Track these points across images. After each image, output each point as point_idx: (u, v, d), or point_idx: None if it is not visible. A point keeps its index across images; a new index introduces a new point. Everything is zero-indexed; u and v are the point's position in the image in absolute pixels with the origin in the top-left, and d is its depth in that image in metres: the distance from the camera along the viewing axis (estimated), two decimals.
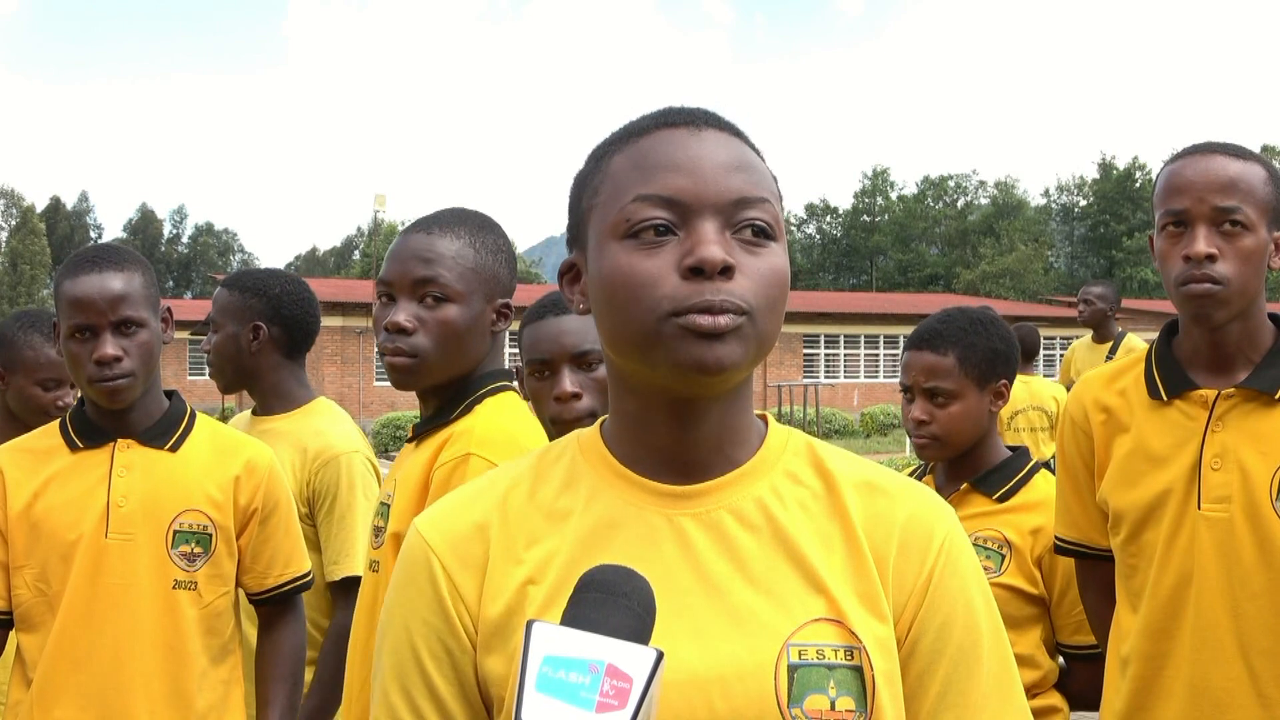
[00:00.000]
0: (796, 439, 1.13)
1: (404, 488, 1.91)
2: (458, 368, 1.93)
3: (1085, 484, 2.11)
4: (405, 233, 1.96)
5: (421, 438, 1.96)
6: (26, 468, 2.25)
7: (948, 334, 2.34)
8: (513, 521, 1.09)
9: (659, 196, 1.01)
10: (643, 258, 1.01)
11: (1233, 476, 1.90)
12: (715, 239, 1.00)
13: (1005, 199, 75.45)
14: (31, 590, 2.19)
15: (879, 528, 1.07)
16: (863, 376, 36.56)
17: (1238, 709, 1.87)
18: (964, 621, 1.07)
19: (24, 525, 2.20)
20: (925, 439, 2.34)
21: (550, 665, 0.82)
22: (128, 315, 2.15)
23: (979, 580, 1.10)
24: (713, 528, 1.05)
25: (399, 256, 1.92)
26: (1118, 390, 2.07)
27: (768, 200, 1.04)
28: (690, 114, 1.07)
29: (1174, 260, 1.92)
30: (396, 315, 1.88)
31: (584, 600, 0.87)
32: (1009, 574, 2.26)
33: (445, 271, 1.89)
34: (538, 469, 1.13)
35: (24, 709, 2.18)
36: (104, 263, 2.18)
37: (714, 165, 1.03)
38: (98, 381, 2.15)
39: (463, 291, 1.90)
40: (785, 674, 0.99)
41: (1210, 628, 1.89)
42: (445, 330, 1.89)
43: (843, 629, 1.02)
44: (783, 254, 1.05)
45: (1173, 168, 1.97)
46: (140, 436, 2.25)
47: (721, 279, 0.99)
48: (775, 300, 1.03)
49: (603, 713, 0.80)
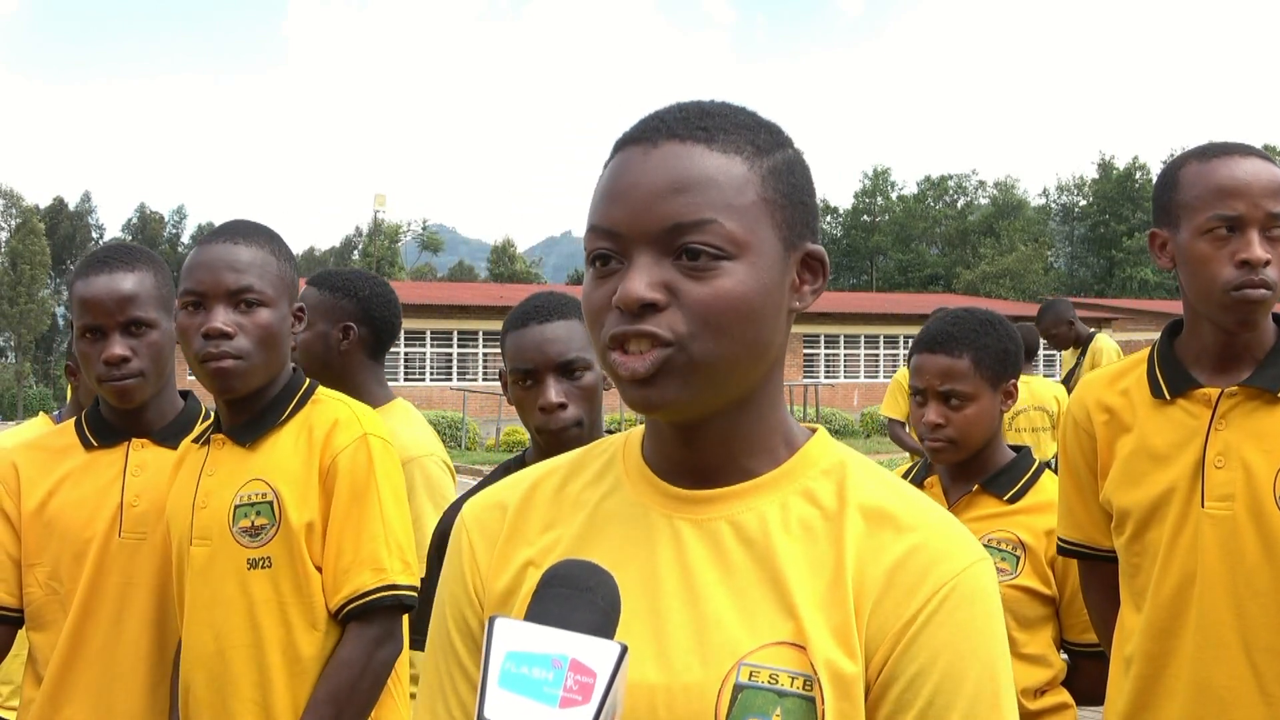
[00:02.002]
0: (833, 457, 1.08)
1: (286, 481, 2.02)
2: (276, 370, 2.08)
3: (1088, 485, 2.11)
4: (205, 243, 2.08)
5: (256, 438, 2.06)
6: (41, 466, 2.25)
7: (960, 336, 2.34)
8: (536, 505, 1.12)
9: (601, 228, 1.01)
10: (595, 287, 1.02)
11: (1236, 474, 1.90)
12: (643, 274, 0.98)
13: (1005, 199, 75.31)
14: (43, 588, 2.20)
15: (873, 561, 1.00)
16: (863, 376, 36.52)
17: (1242, 707, 1.87)
18: (943, 677, 0.96)
19: (38, 523, 2.21)
20: (942, 442, 2.33)
21: (513, 661, 0.81)
22: (136, 315, 2.15)
23: (987, 642, 0.99)
24: (708, 536, 1.04)
25: (210, 266, 2.02)
26: (1120, 390, 2.07)
27: (713, 220, 0.98)
28: (656, 126, 1.03)
29: (1220, 264, 1.88)
30: (214, 321, 1.98)
31: (548, 596, 0.86)
32: (1024, 575, 2.27)
33: (256, 279, 2.02)
34: (579, 461, 1.16)
35: (35, 707, 2.19)
36: (114, 263, 2.18)
37: (651, 191, 0.99)
38: (107, 381, 2.16)
39: (274, 297, 2.04)
40: (729, 692, 0.97)
41: (1214, 626, 1.90)
42: (265, 334, 2.02)
43: (803, 656, 0.97)
44: (743, 270, 0.99)
45: (1222, 170, 1.90)
46: (154, 436, 2.26)
47: (648, 313, 0.97)
48: (726, 324, 0.98)
49: (566, 708, 0.79)
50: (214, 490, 2.05)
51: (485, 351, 32.50)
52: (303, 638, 2.02)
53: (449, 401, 29.20)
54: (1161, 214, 2.00)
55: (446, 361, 32.58)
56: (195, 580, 2.05)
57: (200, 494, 2.06)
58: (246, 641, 2.01)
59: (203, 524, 2.05)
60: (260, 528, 2.02)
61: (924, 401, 2.37)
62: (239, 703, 2.01)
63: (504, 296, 34.67)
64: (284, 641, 2.01)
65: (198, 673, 2.04)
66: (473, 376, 32.08)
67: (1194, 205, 1.92)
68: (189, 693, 2.05)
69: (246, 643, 2.01)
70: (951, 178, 79.58)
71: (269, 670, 2.01)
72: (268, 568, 2.01)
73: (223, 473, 2.07)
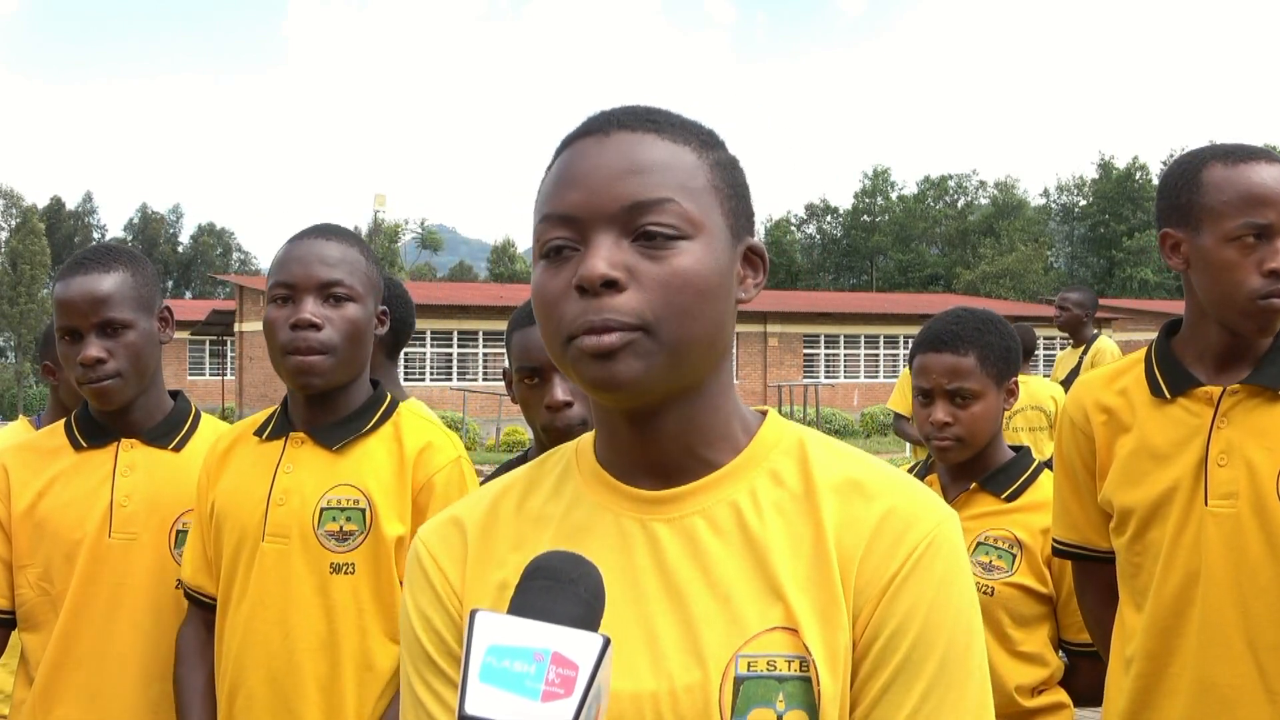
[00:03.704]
0: (789, 437, 1.10)
1: (380, 490, 2.02)
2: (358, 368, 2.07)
3: (1085, 485, 2.10)
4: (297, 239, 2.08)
5: (346, 443, 2.04)
6: (31, 466, 2.24)
7: (965, 335, 2.34)
8: (501, 524, 1.10)
9: (558, 215, 1.01)
10: (550, 278, 1.01)
11: (1239, 472, 1.90)
12: (603, 253, 0.98)
13: (1005, 199, 75.37)
14: (34, 590, 2.19)
15: (851, 531, 1.02)
16: (863, 376, 36.55)
17: (1246, 705, 1.87)
18: (920, 631, 0.99)
19: (28, 524, 2.20)
20: (950, 441, 2.32)
21: (495, 655, 0.79)
22: (110, 317, 2.13)
23: (957, 590, 1.02)
24: (684, 534, 1.04)
25: (301, 260, 2.02)
26: (1118, 390, 2.06)
27: (670, 200, 1.00)
28: (605, 119, 1.05)
29: (1247, 271, 1.88)
30: (303, 312, 1.97)
31: (531, 588, 0.85)
32: (1020, 574, 2.27)
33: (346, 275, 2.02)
34: (532, 476, 1.14)
35: (26, 708, 2.18)
36: (90, 265, 2.17)
37: (607, 174, 1.00)
38: (85, 383, 2.15)
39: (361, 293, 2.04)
40: (731, 687, 0.98)
41: (1217, 624, 1.89)
42: (352, 329, 2.01)
43: (796, 639, 0.99)
44: (700, 250, 1.00)
45: (1253, 176, 1.89)
46: (144, 436, 2.25)
47: (609, 293, 0.97)
48: (685, 304, 0.98)
49: (549, 701, 0.77)
50: (294, 489, 2.01)
51: (485, 351, 32.52)
52: (378, 648, 1.99)
53: (449, 401, 29.21)
54: (1176, 214, 1.97)
55: (446, 361, 32.60)
56: (265, 577, 2.00)
57: (277, 490, 2.02)
58: (320, 644, 1.97)
59: (280, 521, 2.00)
60: (349, 533, 1.99)
61: (929, 401, 2.35)
62: (303, 703, 1.97)
63: (504, 296, 34.71)
64: (358, 649, 1.98)
65: (256, 670, 1.99)
66: (473, 376, 32.10)
67: (1221, 210, 1.90)
68: (239, 689, 2.00)
69: (319, 645, 1.97)
70: (951, 178, 79.66)
71: (340, 676, 1.97)
72: (350, 574, 1.98)
73: (304, 472, 2.03)
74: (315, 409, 2.05)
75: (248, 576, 2.02)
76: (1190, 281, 1.98)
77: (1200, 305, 1.98)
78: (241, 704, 2.00)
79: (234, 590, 2.04)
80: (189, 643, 2.14)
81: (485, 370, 32.26)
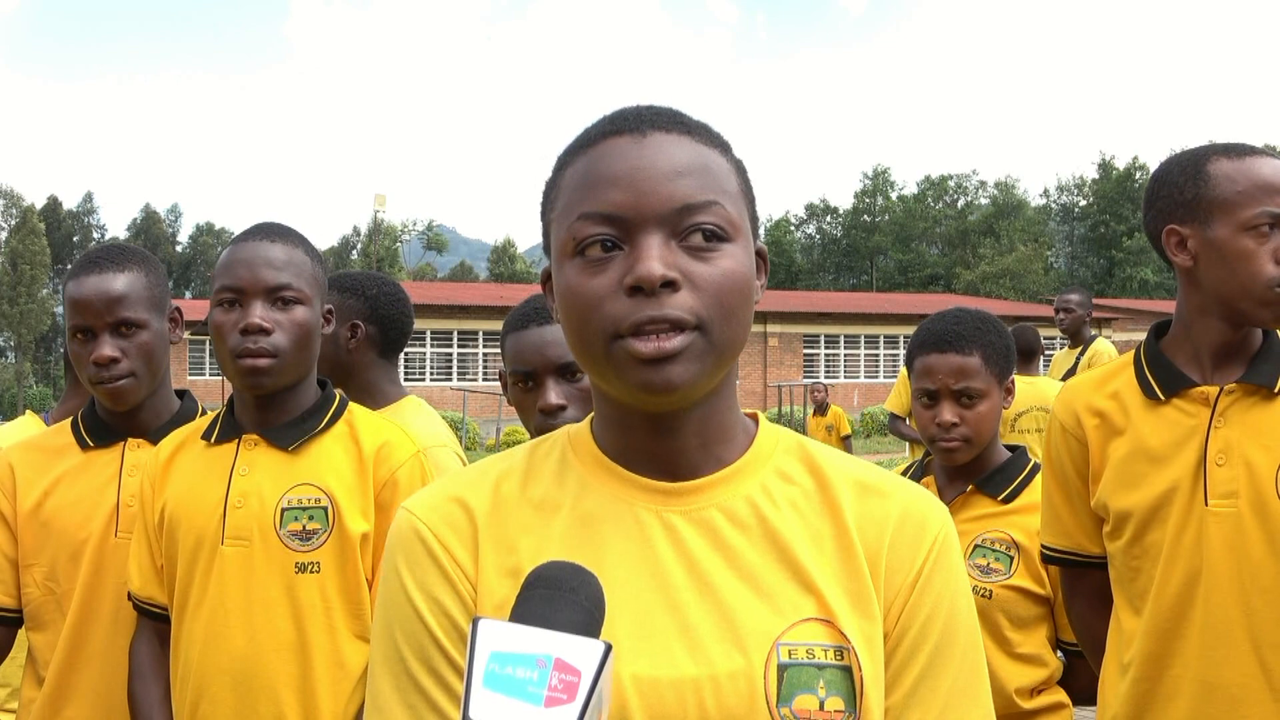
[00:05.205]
0: (787, 438, 1.13)
1: (341, 488, 2.01)
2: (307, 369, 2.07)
3: (1077, 491, 2.09)
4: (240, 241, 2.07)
5: (299, 443, 2.04)
6: (38, 466, 2.25)
7: (968, 334, 2.32)
8: (508, 509, 1.09)
9: (600, 214, 1.00)
10: (589, 277, 1.00)
11: (1238, 472, 1.89)
12: (657, 253, 0.98)
13: (1005, 199, 75.32)
14: (41, 589, 2.20)
15: (872, 526, 1.07)
16: (863, 376, 36.54)
17: (1252, 704, 1.86)
18: (946, 618, 1.07)
19: (34, 523, 2.20)
20: (957, 441, 2.31)
21: (497, 661, 0.80)
22: (125, 316, 2.15)
23: (964, 581, 1.11)
24: (703, 525, 1.05)
25: (248, 263, 2.02)
26: (1109, 393, 2.05)
27: (716, 202, 1.01)
28: (637, 118, 1.05)
29: (1264, 260, 1.89)
30: (251, 316, 1.97)
31: (531, 597, 0.86)
32: (1018, 575, 2.26)
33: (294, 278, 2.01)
34: (529, 462, 1.13)
35: (36, 707, 2.19)
36: (104, 264, 2.17)
37: (655, 174, 1.00)
38: (98, 383, 2.15)
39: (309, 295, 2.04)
40: (775, 673, 0.99)
41: (1221, 624, 1.89)
42: (300, 332, 2.02)
43: (832, 629, 1.02)
44: (740, 253, 1.02)
45: (1264, 167, 1.91)
46: (150, 436, 2.25)
47: (666, 293, 0.98)
48: (733, 306, 1.01)
49: (551, 707, 0.79)
50: (252, 491, 2.00)
51: (485, 351, 32.52)
52: (348, 646, 1.98)
53: (449, 401, 29.22)
54: (1181, 210, 1.97)
55: (447, 361, 32.61)
56: (226, 581, 1.98)
57: (234, 493, 2.01)
58: (287, 645, 1.96)
59: (239, 524, 1.99)
60: (313, 532, 1.98)
61: (933, 403, 2.33)
62: (273, 705, 1.95)
63: (504, 297, 34.69)
64: (329, 648, 1.97)
65: (220, 676, 1.96)
66: (473, 376, 32.10)
67: (1236, 201, 1.90)
68: (202, 696, 1.97)
69: (287, 645, 1.96)
70: (951, 178, 79.61)
71: (312, 676, 1.95)
72: (316, 572, 1.97)
73: (260, 474, 2.02)
74: (265, 410, 2.06)
75: (206, 581, 1.99)
76: (1193, 278, 1.97)
77: (1200, 303, 1.97)
78: (205, 710, 1.96)
79: (191, 596, 2.01)
80: (142, 657, 2.09)
81: (485, 370, 32.26)
